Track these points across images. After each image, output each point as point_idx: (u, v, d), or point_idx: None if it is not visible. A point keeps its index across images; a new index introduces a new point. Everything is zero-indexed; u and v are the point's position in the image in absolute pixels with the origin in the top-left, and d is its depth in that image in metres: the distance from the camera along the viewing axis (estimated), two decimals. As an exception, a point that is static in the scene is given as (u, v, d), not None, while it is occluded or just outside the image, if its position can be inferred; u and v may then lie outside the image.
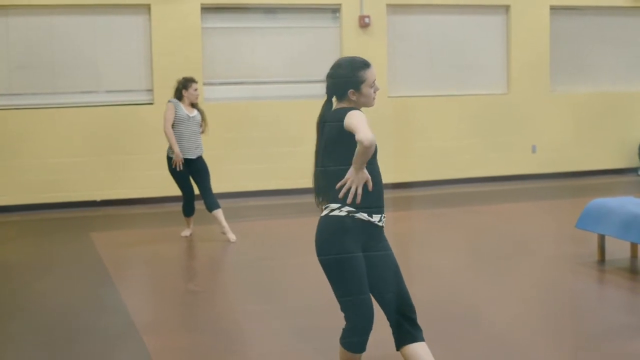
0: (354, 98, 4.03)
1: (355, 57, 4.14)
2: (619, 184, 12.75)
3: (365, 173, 3.84)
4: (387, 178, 4.39)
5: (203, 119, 8.70)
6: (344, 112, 3.94)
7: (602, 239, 7.39)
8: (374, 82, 4.07)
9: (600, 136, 13.65)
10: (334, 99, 4.09)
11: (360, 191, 3.86)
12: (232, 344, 5.49)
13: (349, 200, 3.88)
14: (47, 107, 11.22)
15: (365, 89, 4.04)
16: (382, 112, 12.22)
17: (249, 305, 6.44)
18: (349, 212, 3.94)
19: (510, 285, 6.91)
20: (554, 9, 13.33)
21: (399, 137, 12.36)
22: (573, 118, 13.45)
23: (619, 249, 7.53)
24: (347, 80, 4.04)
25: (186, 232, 9.04)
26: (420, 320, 4.03)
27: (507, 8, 13.14)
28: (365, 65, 4.07)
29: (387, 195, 4.21)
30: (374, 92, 4.09)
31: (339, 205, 3.93)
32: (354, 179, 3.84)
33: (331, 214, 3.95)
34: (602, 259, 7.39)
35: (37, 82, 11.24)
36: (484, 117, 13.00)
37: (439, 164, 12.81)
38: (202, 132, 8.71)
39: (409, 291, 4.07)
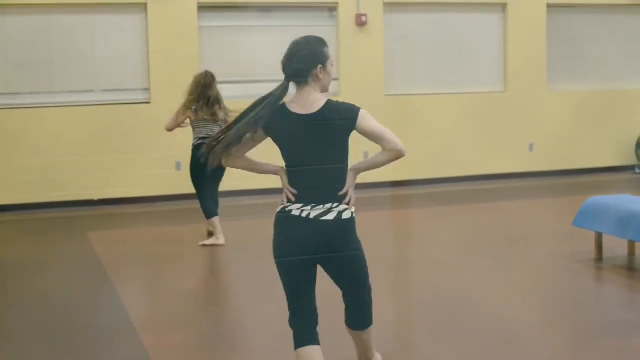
0: (321, 76, 3.73)
1: (310, 35, 3.80)
2: (616, 182, 12.76)
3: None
4: (384, 176, 4.41)
5: None
6: (346, 108, 3.70)
7: (599, 236, 7.39)
8: (332, 63, 3.81)
9: (598, 134, 13.65)
10: (291, 87, 3.78)
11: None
12: (230, 341, 5.49)
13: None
14: (44, 106, 11.19)
15: (329, 67, 3.77)
16: (379, 110, 12.21)
17: (247, 303, 6.44)
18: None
19: (508, 282, 6.91)
20: (550, 6, 13.33)
21: (396, 135, 12.32)
22: (570, 116, 13.45)
23: (616, 247, 7.54)
24: (316, 55, 3.71)
25: (221, 239, 8.36)
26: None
27: (504, 6, 13.14)
28: (325, 42, 3.80)
29: (385, 193, 4.22)
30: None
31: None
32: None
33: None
34: (599, 257, 7.39)
35: (34, 81, 11.21)
36: (481, 115, 13.00)
37: (436, 162, 12.80)
38: None
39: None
